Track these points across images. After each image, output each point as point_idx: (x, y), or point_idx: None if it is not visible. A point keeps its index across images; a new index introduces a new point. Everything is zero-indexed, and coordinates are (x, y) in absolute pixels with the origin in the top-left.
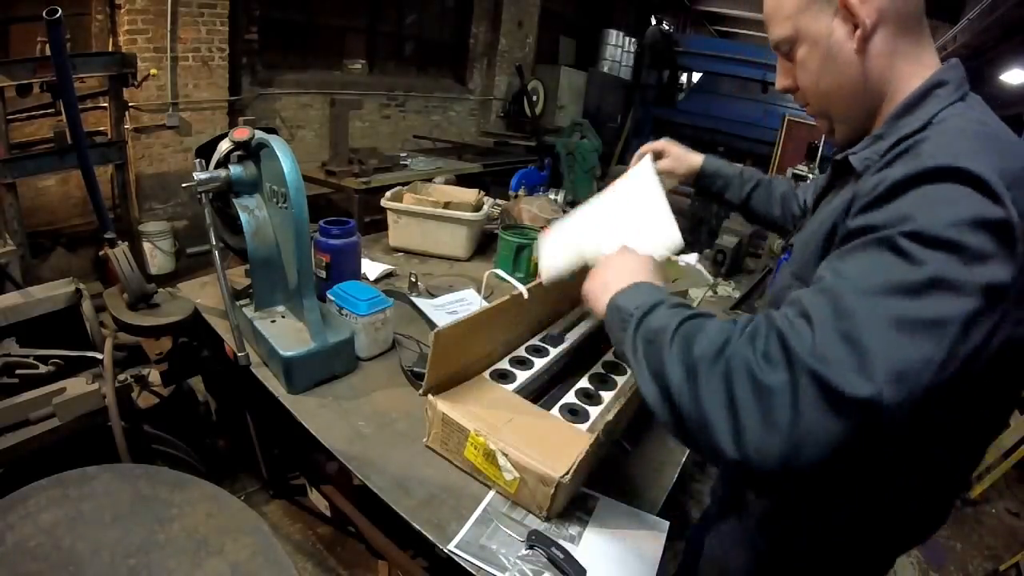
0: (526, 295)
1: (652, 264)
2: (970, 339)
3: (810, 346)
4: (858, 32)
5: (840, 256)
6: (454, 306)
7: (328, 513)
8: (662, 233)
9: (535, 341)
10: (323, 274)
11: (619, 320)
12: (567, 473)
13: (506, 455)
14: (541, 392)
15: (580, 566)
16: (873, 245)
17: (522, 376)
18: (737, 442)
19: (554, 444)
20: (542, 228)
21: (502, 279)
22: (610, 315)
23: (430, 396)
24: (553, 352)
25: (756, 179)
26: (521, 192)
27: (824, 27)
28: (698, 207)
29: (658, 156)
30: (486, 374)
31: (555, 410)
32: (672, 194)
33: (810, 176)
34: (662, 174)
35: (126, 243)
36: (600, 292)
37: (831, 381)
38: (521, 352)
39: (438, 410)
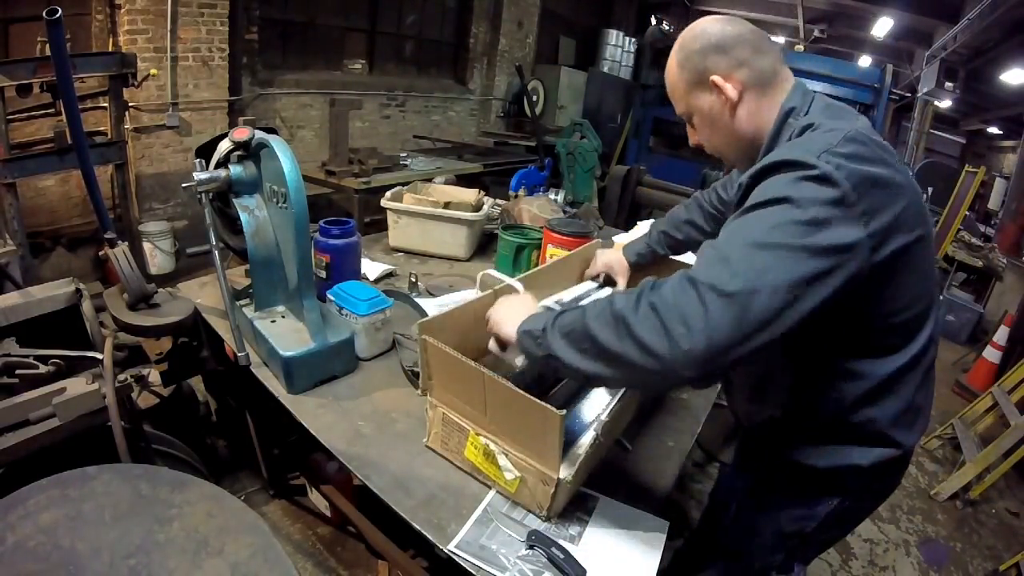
0: (522, 291)
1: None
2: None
3: (704, 271)
4: (727, 103)
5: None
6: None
7: (328, 513)
8: None
9: None
10: (323, 274)
11: (533, 338)
12: (569, 473)
13: (506, 455)
14: (542, 392)
15: (580, 566)
16: (741, 213)
17: None
18: (672, 348)
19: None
20: (542, 228)
21: (496, 279)
22: (523, 339)
23: (429, 396)
24: None
25: (676, 229)
26: (521, 192)
27: (705, 102)
28: None
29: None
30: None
31: None
32: (671, 193)
33: None
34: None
35: (126, 243)
36: (505, 321)
37: (717, 285)
38: None
39: (438, 410)
